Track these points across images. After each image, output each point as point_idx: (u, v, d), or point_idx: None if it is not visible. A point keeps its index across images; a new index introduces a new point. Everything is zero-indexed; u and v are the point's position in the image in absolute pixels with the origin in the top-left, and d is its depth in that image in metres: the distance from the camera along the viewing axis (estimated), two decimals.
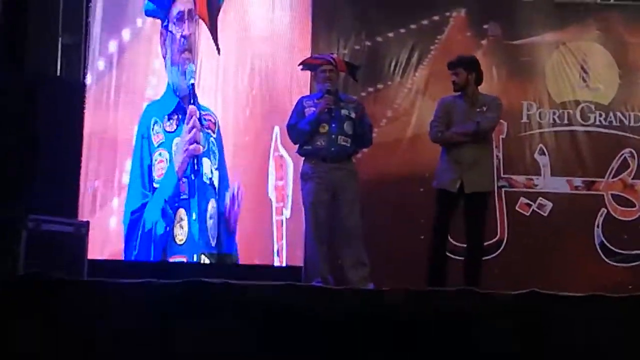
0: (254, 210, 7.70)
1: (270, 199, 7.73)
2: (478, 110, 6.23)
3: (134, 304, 4.33)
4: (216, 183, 7.56)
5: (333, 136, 6.31)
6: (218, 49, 7.66)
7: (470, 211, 6.19)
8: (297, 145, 6.56)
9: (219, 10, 7.70)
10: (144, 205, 7.40)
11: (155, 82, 7.57)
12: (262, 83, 7.75)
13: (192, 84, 7.49)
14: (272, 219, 7.71)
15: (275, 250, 7.67)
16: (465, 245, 6.33)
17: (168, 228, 7.38)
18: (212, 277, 4.71)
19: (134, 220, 7.37)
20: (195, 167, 7.43)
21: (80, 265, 5.97)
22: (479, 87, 6.34)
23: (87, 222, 6.38)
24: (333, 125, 6.32)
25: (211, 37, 7.66)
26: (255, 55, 7.79)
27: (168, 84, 7.57)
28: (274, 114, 7.69)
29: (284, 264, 7.63)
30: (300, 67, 6.79)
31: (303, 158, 6.50)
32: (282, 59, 7.73)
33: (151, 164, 7.43)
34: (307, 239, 6.49)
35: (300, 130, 6.39)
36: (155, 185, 7.42)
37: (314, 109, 6.36)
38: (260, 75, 7.76)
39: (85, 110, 7.36)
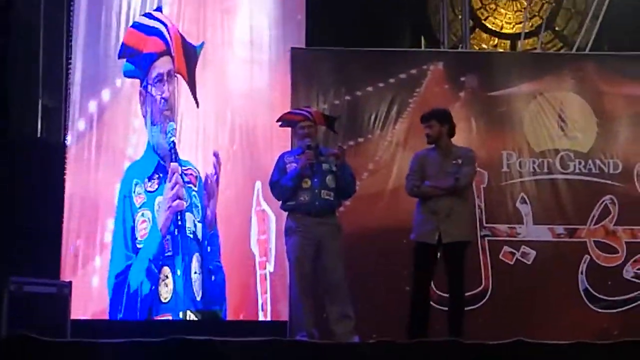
0: (237, 265, 7.72)
1: (254, 253, 7.74)
2: (453, 162, 6.24)
3: None
4: (200, 236, 7.58)
5: (316, 191, 6.33)
6: (197, 102, 7.74)
7: (450, 261, 6.19)
8: (280, 201, 6.58)
9: (196, 63, 7.79)
10: (128, 267, 7.40)
11: (136, 140, 7.63)
12: (242, 139, 7.82)
13: (173, 142, 7.54)
14: (256, 273, 7.72)
15: (260, 304, 7.67)
16: (447, 295, 6.31)
17: (153, 287, 7.37)
18: (197, 334, 4.68)
19: (118, 283, 7.37)
20: (179, 222, 7.46)
21: (63, 326, 5.95)
22: (452, 139, 6.37)
23: (70, 283, 6.37)
24: (315, 180, 6.34)
25: (190, 92, 7.75)
26: (235, 112, 7.86)
27: (148, 143, 7.62)
28: (255, 169, 7.75)
29: (268, 318, 7.63)
30: (279, 123, 6.82)
31: (287, 213, 6.51)
32: (262, 115, 7.81)
33: (134, 226, 7.45)
34: (292, 293, 6.47)
35: (283, 187, 6.40)
36: (138, 246, 7.43)
37: (295, 164, 6.38)
38: (240, 131, 7.84)
39: (66, 171, 7.40)
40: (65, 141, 7.47)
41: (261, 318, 7.65)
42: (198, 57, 7.78)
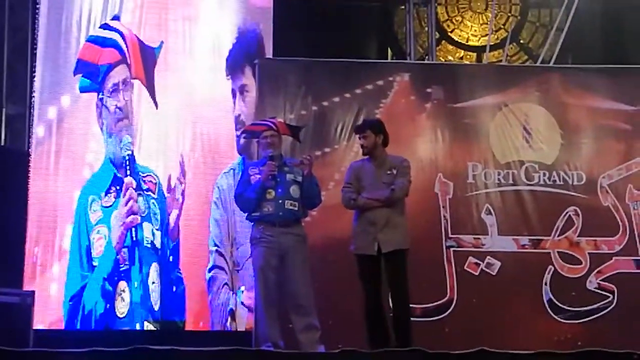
0: (197, 272, 7.69)
1: None
2: (388, 172, 6.29)
3: None
4: (158, 244, 7.54)
5: (280, 201, 6.32)
6: (156, 104, 7.71)
7: (391, 271, 6.23)
8: (245, 213, 6.56)
9: (155, 64, 7.76)
10: (82, 288, 7.35)
11: (96, 147, 7.59)
12: (204, 146, 7.80)
13: (128, 155, 7.50)
14: None
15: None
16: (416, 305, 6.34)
17: (108, 306, 7.33)
18: (158, 344, 4.66)
19: (73, 305, 7.31)
20: (134, 238, 7.40)
21: (26, 336, 5.89)
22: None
23: (33, 292, 6.31)
24: (279, 190, 6.33)
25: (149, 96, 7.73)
26: (197, 119, 7.85)
27: (106, 156, 7.57)
28: (216, 177, 7.75)
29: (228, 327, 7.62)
30: (243, 135, 6.81)
31: (252, 223, 6.50)
32: (223, 122, 7.77)
33: (89, 245, 7.40)
34: (256, 304, 6.46)
35: (247, 199, 6.39)
36: (94, 263, 7.39)
37: (259, 176, 6.36)
38: (202, 138, 7.81)
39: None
40: (29, 149, 7.42)
41: (218, 327, 7.62)
42: (157, 59, 7.76)
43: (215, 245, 7.63)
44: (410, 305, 6.43)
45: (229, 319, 7.71)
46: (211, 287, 7.71)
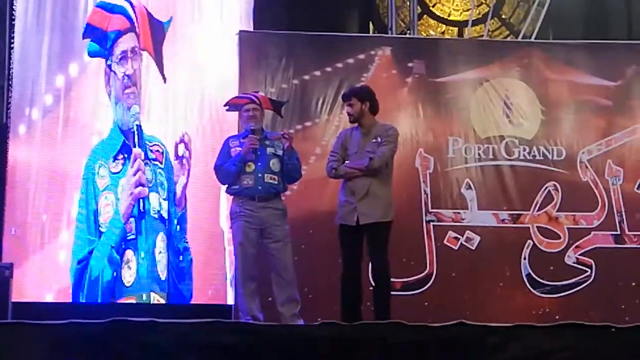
0: (206, 241, 7.69)
1: (222, 230, 7.70)
2: (373, 141, 6.23)
3: (57, 346, 4.26)
4: (165, 214, 7.53)
5: (260, 175, 6.32)
6: (164, 78, 7.67)
7: (369, 243, 6.20)
8: (225, 186, 6.55)
9: (164, 39, 7.72)
10: (90, 253, 7.34)
11: (104, 115, 7.57)
12: (212, 114, 7.77)
13: (137, 126, 7.47)
14: (224, 248, 7.68)
15: (229, 279, 7.62)
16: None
17: (115, 273, 7.33)
18: (164, 317, 4.69)
19: (80, 270, 7.30)
20: (142, 209, 7.39)
21: (4, 308, 5.88)
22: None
23: (11, 265, 6.29)
24: (259, 164, 6.33)
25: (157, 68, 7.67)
26: (205, 87, 7.81)
27: (114, 122, 7.54)
28: None
29: None
30: (226, 107, 6.77)
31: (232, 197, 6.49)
32: (232, 90, 7.64)
33: (96, 209, 7.37)
34: (236, 278, 6.47)
35: (227, 171, 6.39)
36: (101, 229, 7.37)
37: (240, 149, 6.36)
38: (210, 106, 7.77)
39: (8, 151, 7.29)
40: (8, 121, 7.36)
41: (230, 293, 7.57)
42: (165, 33, 7.71)
43: None
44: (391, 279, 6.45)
45: None
46: None
